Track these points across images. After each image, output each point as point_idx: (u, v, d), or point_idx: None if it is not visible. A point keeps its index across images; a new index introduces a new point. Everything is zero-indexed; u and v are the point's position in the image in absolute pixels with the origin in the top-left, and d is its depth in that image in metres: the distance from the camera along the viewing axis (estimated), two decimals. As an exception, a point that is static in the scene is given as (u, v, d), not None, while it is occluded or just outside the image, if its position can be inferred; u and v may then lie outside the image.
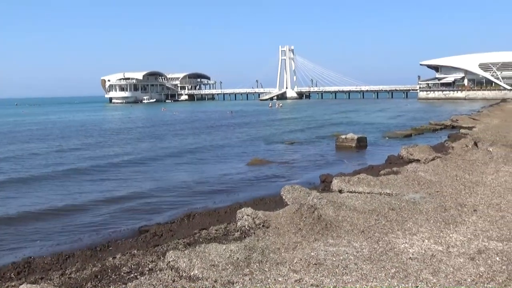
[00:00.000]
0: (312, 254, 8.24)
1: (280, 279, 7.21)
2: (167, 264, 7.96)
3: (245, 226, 10.30)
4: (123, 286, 7.31)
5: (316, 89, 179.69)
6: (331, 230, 9.59)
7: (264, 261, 7.92)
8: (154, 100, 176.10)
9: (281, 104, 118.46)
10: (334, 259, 7.98)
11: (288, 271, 7.50)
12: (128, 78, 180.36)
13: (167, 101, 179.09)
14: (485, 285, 6.80)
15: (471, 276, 7.11)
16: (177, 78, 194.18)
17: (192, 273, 7.49)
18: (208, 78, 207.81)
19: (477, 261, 7.73)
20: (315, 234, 9.41)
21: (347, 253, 8.23)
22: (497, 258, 7.78)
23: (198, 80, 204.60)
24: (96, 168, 24.07)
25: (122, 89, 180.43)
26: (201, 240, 10.05)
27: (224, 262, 7.80)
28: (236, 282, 7.17)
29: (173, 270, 7.71)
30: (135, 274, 7.92)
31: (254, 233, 9.85)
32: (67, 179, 20.79)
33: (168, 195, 17.20)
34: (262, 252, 8.28)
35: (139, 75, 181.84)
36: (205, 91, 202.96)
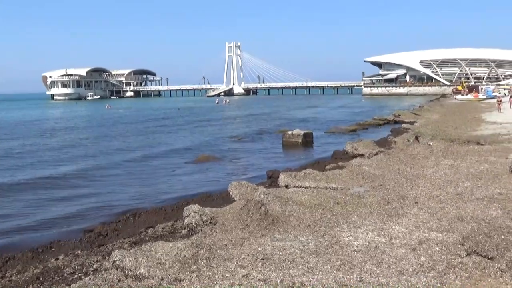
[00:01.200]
0: (259, 249, 8.29)
1: (227, 275, 7.22)
2: (112, 264, 7.81)
3: (192, 223, 10.25)
4: (67, 287, 7.13)
5: (263, 85, 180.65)
6: (278, 225, 9.67)
7: (211, 258, 7.90)
8: (98, 96, 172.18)
9: (228, 101, 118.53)
10: (281, 253, 8.06)
11: (236, 267, 7.51)
12: (71, 75, 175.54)
13: (112, 97, 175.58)
14: (426, 274, 7.03)
15: (412, 266, 7.34)
16: (122, 75, 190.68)
17: (138, 272, 7.39)
18: (154, 74, 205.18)
19: (418, 251, 7.99)
20: (262, 230, 9.46)
21: (293, 247, 8.33)
22: (437, 248, 8.06)
23: (144, 76, 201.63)
24: (38, 167, 23.33)
25: (64, 85, 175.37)
26: (147, 238, 9.93)
27: (170, 260, 7.73)
28: (183, 279, 7.13)
29: (118, 270, 7.58)
30: (79, 274, 7.74)
31: (201, 230, 9.82)
32: (4, 183, 19.95)
33: (113, 193, 16.88)
34: (209, 249, 8.26)
35: (83, 72, 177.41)
36: (151, 87, 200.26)
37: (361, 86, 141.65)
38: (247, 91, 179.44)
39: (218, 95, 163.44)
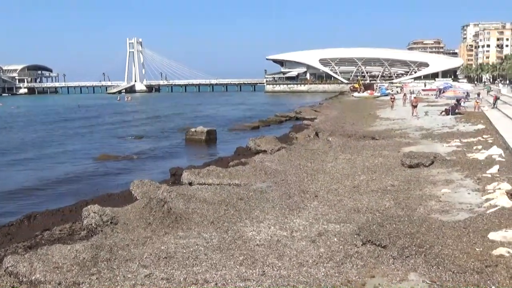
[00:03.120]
0: (162, 248, 8.19)
1: (129, 276, 7.06)
2: (4, 271, 7.37)
3: (92, 224, 9.90)
4: (-48, 298, 6.65)
5: (166, 82, 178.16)
6: (181, 223, 9.61)
7: (112, 259, 7.69)
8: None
9: (129, 98, 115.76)
10: (184, 251, 8.01)
11: (138, 267, 7.37)
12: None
13: (3, 94, 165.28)
14: (325, 264, 7.31)
15: (312, 258, 7.59)
16: (15, 70, 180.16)
17: (33, 278, 7.03)
18: (50, 71, 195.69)
19: (317, 243, 8.27)
20: (165, 228, 9.36)
21: (197, 245, 8.31)
22: (335, 239, 8.39)
23: (39, 72, 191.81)
24: None
25: None
26: (43, 242, 9.49)
27: (69, 263, 7.42)
28: (83, 282, 6.88)
29: (12, 276, 7.18)
30: (-33, 284, 7.23)
31: (101, 230, 9.53)
32: None
33: (6, 195, 15.94)
34: (110, 250, 8.03)
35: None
36: (47, 84, 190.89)
37: (263, 83, 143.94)
38: (150, 88, 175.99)
39: (120, 92, 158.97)
